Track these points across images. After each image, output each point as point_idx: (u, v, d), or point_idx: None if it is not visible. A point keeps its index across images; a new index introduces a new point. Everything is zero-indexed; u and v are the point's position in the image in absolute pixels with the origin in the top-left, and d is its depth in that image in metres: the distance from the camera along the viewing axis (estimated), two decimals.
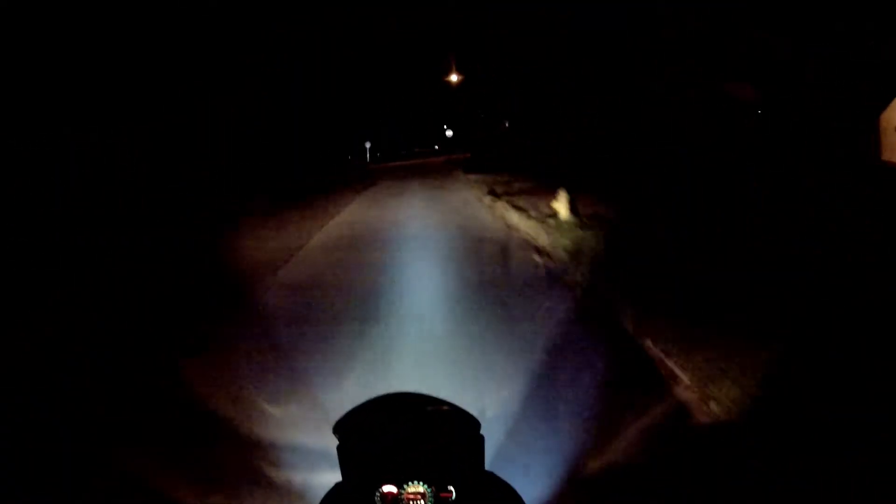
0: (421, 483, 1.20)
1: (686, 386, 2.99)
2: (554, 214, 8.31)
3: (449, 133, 48.32)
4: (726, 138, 14.00)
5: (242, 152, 18.17)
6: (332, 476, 1.28)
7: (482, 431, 1.25)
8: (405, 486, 1.20)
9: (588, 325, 4.07)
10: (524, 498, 1.21)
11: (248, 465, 2.51)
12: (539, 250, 6.64)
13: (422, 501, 1.19)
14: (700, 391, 2.90)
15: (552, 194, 8.55)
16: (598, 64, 16.23)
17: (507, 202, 10.78)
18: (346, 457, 1.24)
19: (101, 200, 11.12)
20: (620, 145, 16.08)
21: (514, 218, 9.12)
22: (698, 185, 10.22)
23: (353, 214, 11.97)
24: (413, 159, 43.64)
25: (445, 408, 1.28)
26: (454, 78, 36.80)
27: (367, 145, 39.81)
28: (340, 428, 1.25)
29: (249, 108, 18.76)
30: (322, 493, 1.25)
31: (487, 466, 1.27)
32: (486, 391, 3.10)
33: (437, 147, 51.64)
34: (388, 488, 1.20)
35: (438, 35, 33.36)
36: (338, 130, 36.59)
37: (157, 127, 13.72)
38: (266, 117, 20.46)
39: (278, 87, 22.26)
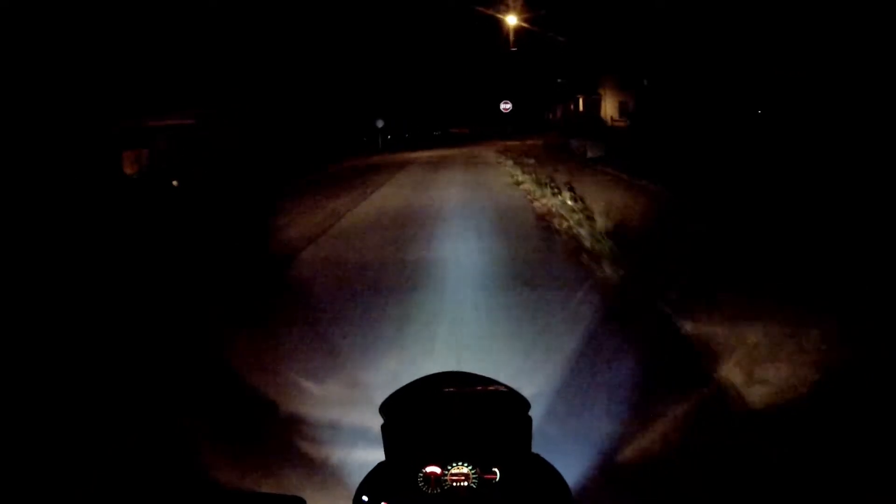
0: (465, 464, 1.18)
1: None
2: None
3: (506, 106, 32.94)
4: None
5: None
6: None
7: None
8: (449, 467, 1.18)
9: None
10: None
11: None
12: None
13: (465, 482, 1.16)
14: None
15: None
16: None
17: None
18: (390, 436, 1.21)
19: (101, 200, 11.08)
20: None
21: None
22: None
23: None
24: (439, 148, 29.70)
25: (494, 388, 1.25)
26: (512, 20, 23.63)
27: (380, 124, 31.45)
28: (386, 407, 1.22)
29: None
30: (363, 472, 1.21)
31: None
32: None
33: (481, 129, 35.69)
34: (432, 469, 1.17)
35: None
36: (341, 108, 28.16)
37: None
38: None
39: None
